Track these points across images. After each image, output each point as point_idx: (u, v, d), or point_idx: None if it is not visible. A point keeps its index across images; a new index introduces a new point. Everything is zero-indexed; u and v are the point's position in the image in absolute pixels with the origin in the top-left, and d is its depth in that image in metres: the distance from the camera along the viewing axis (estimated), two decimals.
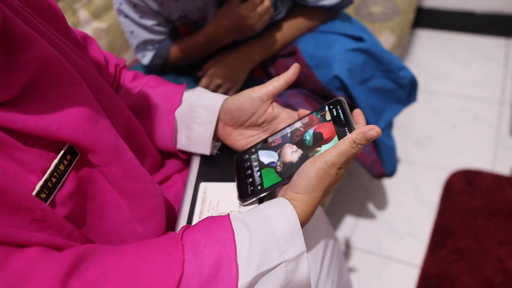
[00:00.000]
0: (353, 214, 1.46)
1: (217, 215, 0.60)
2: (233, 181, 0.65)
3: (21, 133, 0.45)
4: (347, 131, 0.56)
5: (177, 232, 0.51)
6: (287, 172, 0.58)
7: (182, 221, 0.62)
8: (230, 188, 0.65)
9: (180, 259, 0.46)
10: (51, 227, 0.44)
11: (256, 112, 0.65)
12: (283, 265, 0.49)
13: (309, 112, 0.63)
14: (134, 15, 0.93)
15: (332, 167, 0.52)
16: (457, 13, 1.97)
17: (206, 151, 0.68)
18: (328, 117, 0.60)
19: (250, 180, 0.62)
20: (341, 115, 0.58)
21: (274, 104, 0.66)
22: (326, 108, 0.60)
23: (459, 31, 2.03)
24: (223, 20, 0.93)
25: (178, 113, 0.69)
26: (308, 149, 0.59)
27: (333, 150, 0.53)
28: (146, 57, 1.01)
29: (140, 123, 0.68)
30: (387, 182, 1.52)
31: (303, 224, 0.52)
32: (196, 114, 0.67)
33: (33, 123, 0.45)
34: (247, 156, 0.65)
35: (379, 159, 1.06)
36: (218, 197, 0.65)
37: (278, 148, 0.62)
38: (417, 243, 1.35)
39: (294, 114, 0.66)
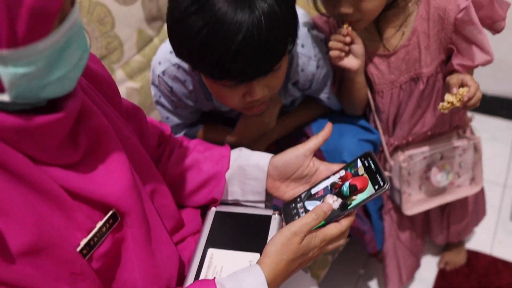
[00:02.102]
0: (350, 287, 1.48)
1: None
2: (239, 249, 0.73)
3: (77, 194, 0.53)
4: (378, 178, 0.67)
5: None
6: (329, 217, 0.67)
7: (189, 284, 0.68)
8: (235, 256, 0.72)
9: None
10: (85, 280, 0.52)
11: (301, 167, 0.75)
12: None
13: (342, 166, 0.74)
14: (170, 107, 1.06)
15: (294, 235, 0.62)
16: None
17: (262, 198, 0.79)
18: (361, 171, 0.71)
19: None
20: (372, 165, 0.70)
21: (314, 158, 0.76)
22: (359, 163, 0.72)
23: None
24: (246, 132, 1.06)
25: (229, 175, 0.79)
26: (346, 198, 0.69)
27: (297, 221, 0.63)
28: (177, 135, 1.12)
29: (171, 191, 0.77)
30: None
31: (272, 284, 0.61)
32: (247, 172, 0.77)
33: (87, 186, 0.54)
34: (293, 205, 0.75)
35: (374, 239, 1.13)
36: (222, 263, 0.71)
37: (321, 198, 0.72)
38: None
39: (330, 167, 0.76)
